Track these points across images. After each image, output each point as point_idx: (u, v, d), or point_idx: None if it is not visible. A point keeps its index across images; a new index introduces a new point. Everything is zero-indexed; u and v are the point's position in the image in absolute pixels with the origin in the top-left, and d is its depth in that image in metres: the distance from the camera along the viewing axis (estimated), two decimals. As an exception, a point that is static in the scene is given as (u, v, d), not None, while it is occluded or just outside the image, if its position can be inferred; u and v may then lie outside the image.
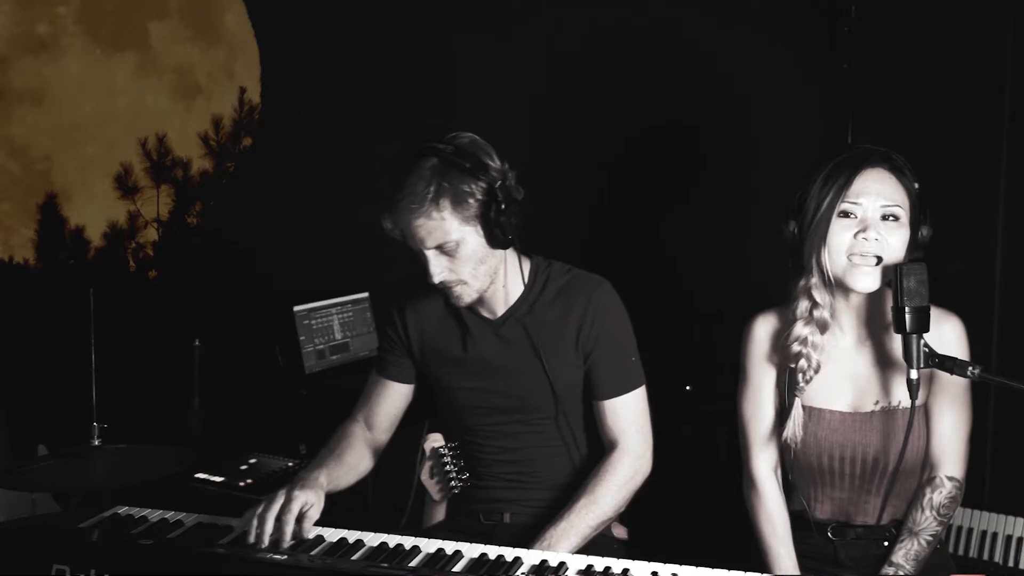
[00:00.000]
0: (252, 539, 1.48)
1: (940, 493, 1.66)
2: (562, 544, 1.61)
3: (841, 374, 1.70)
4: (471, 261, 1.67)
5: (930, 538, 1.65)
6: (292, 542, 1.49)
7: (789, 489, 1.77)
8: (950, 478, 1.67)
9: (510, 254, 1.76)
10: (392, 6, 3.74)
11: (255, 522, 1.49)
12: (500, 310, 1.79)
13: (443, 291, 1.71)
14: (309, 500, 1.55)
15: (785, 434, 1.69)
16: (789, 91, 2.92)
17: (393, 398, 1.90)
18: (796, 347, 1.67)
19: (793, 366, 1.68)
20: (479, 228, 1.65)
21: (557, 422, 1.80)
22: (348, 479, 1.77)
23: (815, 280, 1.65)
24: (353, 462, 1.80)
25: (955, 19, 2.57)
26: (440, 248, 1.64)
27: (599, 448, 1.80)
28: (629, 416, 1.76)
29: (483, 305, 1.78)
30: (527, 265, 1.80)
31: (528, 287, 1.79)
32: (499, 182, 1.63)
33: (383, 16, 3.78)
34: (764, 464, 1.76)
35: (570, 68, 3.27)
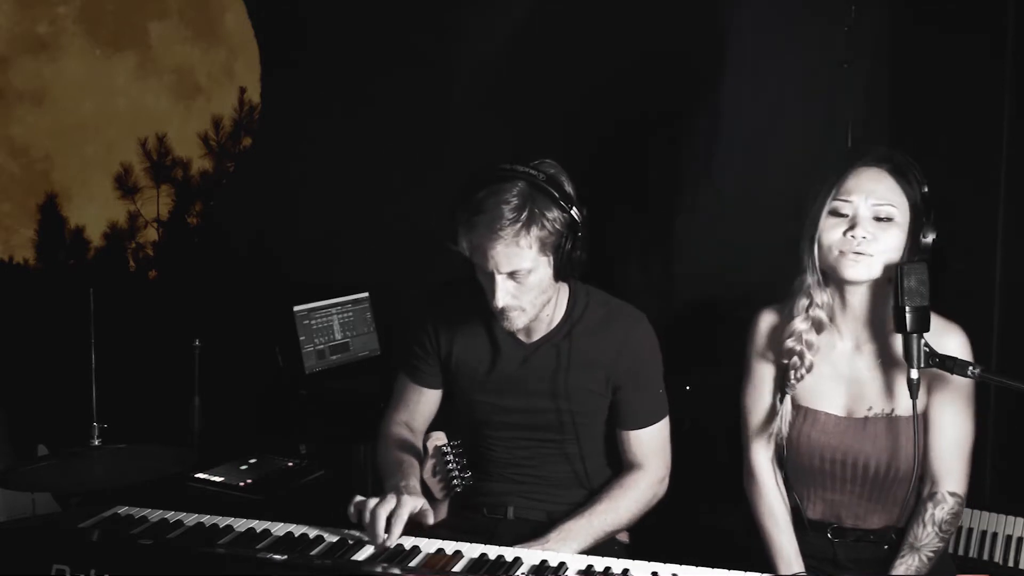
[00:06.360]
0: (379, 541, 1.48)
1: (942, 509, 1.64)
2: (576, 539, 1.62)
3: (837, 377, 1.70)
4: (535, 290, 1.65)
5: (931, 554, 1.64)
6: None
7: (787, 485, 1.77)
8: (952, 494, 1.65)
9: (561, 283, 1.73)
10: (392, 6, 3.74)
11: (382, 524, 1.49)
12: (537, 336, 1.78)
13: (498, 313, 1.67)
14: (419, 506, 1.56)
15: (771, 430, 1.70)
16: (787, 91, 2.91)
17: (430, 404, 1.93)
18: (791, 343, 1.68)
19: (786, 362, 1.69)
20: (551, 259, 1.63)
21: (568, 447, 1.81)
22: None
23: (812, 279, 1.65)
24: (417, 462, 1.81)
25: (955, 19, 2.56)
26: (512, 274, 1.61)
27: (611, 469, 1.83)
28: (652, 445, 1.79)
29: (522, 329, 1.76)
30: (566, 291, 1.78)
31: (566, 315, 1.77)
32: (578, 215, 1.62)
33: (383, 16, 3.77)
34: (762, 456, 1.76)
35: (547, 59, 3.25)
